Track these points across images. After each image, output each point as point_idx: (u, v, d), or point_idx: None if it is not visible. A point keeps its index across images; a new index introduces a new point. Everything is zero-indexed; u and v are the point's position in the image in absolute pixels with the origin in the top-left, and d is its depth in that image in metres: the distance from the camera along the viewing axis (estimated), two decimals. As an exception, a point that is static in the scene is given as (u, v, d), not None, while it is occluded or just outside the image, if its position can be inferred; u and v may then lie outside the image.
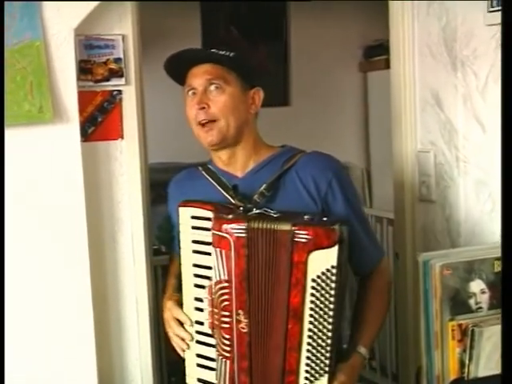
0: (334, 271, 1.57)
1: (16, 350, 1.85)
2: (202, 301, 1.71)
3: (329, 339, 1.60)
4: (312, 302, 1.59)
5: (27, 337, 1.88)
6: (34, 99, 1.79)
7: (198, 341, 1.74)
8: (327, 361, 1.61)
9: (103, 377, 1.97)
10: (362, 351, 1.72)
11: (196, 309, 1.74)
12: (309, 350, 1.61)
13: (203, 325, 1.72)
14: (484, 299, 1.69)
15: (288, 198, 1.73)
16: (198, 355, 1.75)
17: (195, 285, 1.73)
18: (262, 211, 1.65)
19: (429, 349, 1.69)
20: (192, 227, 1.72)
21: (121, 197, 2.01)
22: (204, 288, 1.70)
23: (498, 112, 1.74)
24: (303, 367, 1.62)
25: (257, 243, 1.61)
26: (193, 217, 1.72)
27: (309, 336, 1.61)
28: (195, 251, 1.72)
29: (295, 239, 1.58)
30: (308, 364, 1.62)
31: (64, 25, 1.82)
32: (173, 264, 1.89)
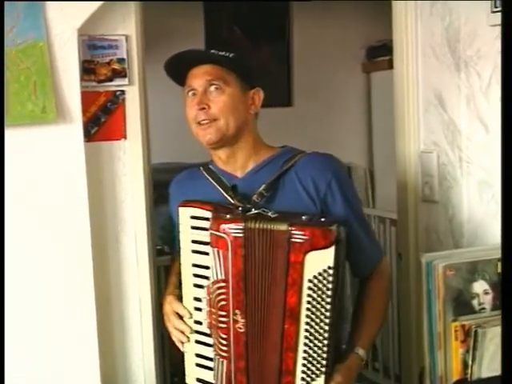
0: (331, 272, 1.56)
1: (17, 350, 1.85)
2: (201, 300, 1.72)
3: (325, 340, 1.60)
4: (309, 303, 1.59)
5: (28, 337, 1.88)
6: (38, 99, 1.79)
7: (197, 340, 1.75)
8: (324, 361, 1.61)
9: (106, 377, 1.97)
10: (360, 352, 1.71)
11: (195, 308, 1.74)
12: (305, 351, 1.61)
13: (202, 324, 1.73)
14: (487, 300, 1.69)
15: (287, 199, 1.73)
16: (197, 355, 1.75)
17: (194, 284, 1.74)
18: (260, 211, 1.66)
19: (432, 349, 1.69)
20: (191, 227, 1.72)
21: (124, 197, 2.01)
22: (203, 288, 1.70)
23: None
24: (300, 367, 1.62)
25: (254, 243, 1.61)
26: (192, 217, 1.72)
27: (305, 336, 1.60)
28: (194, 251, 1.72)
29: (292, 239, 1.58)
30: (304, 364, 1.62)
31: (67, 25, 1.83)
32: (175, 263, 1.89)
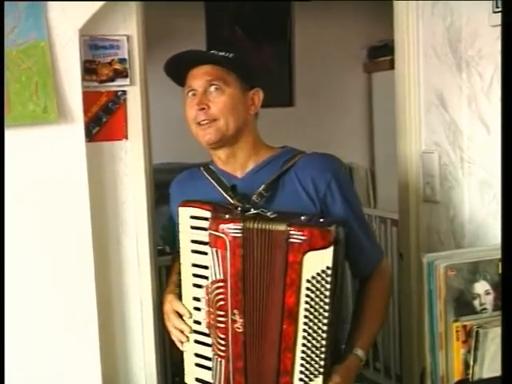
0: (329, 272, 1.56)
1: (17, 351, 1.85)
2: (200, 300, 1.72)
3: (323, 340, 1.60)
4: (307, 303, 1.59)
5: (29, 338, 1.88)
6: (39, 99, 1.79)
7: (197, 340, 1.75)
8: (322, 362, 1.61)
9: (107, 377, 1.97)
10: (359, 353, 1.71)
11: (194, 308, 1.74)
12: (303, 351, 1.61)
13: (201, 324, 1.73)
14: (488, 300, 1.68)
15: (287, 199, 1.73)
16: (196, 354, 1.76)
17: (194, 284, 1.74)
18: (259, 211, 1.66)
19: (433, 350, 1.68)
20: (191, 227, 1.73)
21: (125, 197, 2.01)
22: (202, 288, 1.71)
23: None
24: (298, 368, 1.62)
25: (252, 243, 1.62)
26: (192, 217, 1.72)
27: (303, 337, 1.60)
28: (194, 251, 1.73)
29: (290, 239, 1.58)
30: (302, 365, 1.62)
31: (69, 25, 1.83)
32: (175, 262, 1.89)
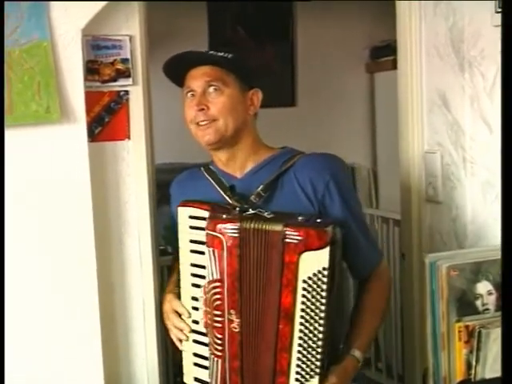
0: (326, 273, 1.56)
1: (18, 351, 1.85)
2: (198, 300, 1.72)
3: (320, 341, 1.59)
4: (303, 303, 1.59)
5: (31, 338, 1.88)
6: (42, 99, 1.79)
7: (195, 340, 1.75)
8: (318, 362, 1.61)
9: (109, 377, 1.97)
10: (356, 354, 1.70)
11: (193, 308, 1.74)
12: (300, 351, 1.61)
13: (199, 324, 1.73)
14: (491, 300, 1.68)
15: (285, 199, 1.73)
16: (195, 354, 1.76)
17: (192, 284, 1.74)
18: (256, 212, 1.66)
19: (435, 350, 1.68)
20: (190, 227, 1.73)
21: (128, 197, 2.01)
22: (201, 287, 1.71)
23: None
24: (294, 368, 1.62)
25: (249, 243, 1.62)
26: (190, 216, 1.73)
27: (300, 337, 1.60)
28: (193, 251, 1.73)
29: (286, 240, 1.58)
30: (299, 365, 1.62)
31: (71, 25, 1.83)
32: (176, 262, 1.89)
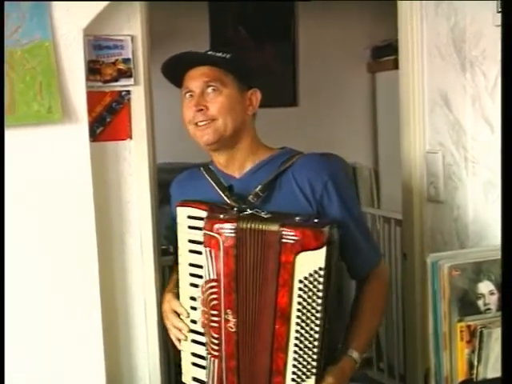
0: (322, 273, 1.56)
1: (18, 351, 1.86)
2: (196, 300, 1.72)
3: (316, 341, 1.59)
4: (299, 304, 1.59)
5: (33, 338, 1.88)
6: (43, 99, 1.79)
7: (193, 340, 1.75)
8: (314, 362, 1.61)
9: (111, 375, 1.97)
10: (354, 355, 1.70)
11: (191, 308, 1.75)
12: (296, 351, 1.61)
13: (197, 323, 1.73)
14: (493, 300, 1.68)
15: (283, 200, 1.73)
16: (193, 354, 1.76)
17: (191, 284, 1.74)
18: (254, 212, 1.66)
19: (437, 350, 1.68)
20: (188, 227, 1.73)
21: (129, 197, 2.01)
22: (199, 287, 1.71)
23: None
24: (290, 368, 1.62)
25: (246, 243, 1.62)
26: (189, 216, 1.73)
27: (296, 337, 1.60)
28: (191, 251, 1.73)
29: (283, 240, 1.58)
30: (295, 365, 1.62)
31: (73, 25, 1.83)
32: (176, 262, 1.89)
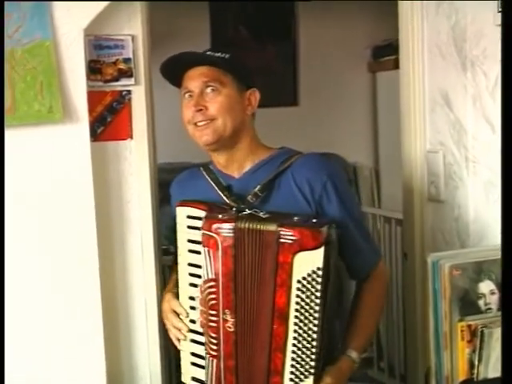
0: (320, 273, 1.56)
1: (18, 351, 1.86)
2: (195, 299, 1.72)
3: (314, 341, 1.59)
4: (297, 304, 1.59)
5: (34, 338, 1.89)
6: (44, 99, 1.79)
7: (193, 339, 1.75)
8: (312, 362, 1.60)
9: (112, 375, 1.98)
10: (352, 355, 1.70)
11: (191, 307, 1.75)
12: (294, 351, 1.61)
13: (196, 323, 1.73)
14: (493, 300, 1.68)
15: (282, 200, 1.72)
16: (192, 354, 1.76)
17: (190, 284, 1.74)
18: (252, 212, 1.65)
19: (438, 349, 1.68)
20: (187, 226, 1.73)
21: (130, 196, 2.02)
22: (198, 287, 1.71)
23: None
24: (288, 368, 1.62)
25: (244, 243, 1.62)
26: (188, 216, 1.73)
27: (294, 337, 1.60)
28: (190, 250, 1.73)
29: (281, 240, 1.58)
30: (293, 365, 1.61)
31: (74, 25, 1.83)
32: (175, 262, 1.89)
